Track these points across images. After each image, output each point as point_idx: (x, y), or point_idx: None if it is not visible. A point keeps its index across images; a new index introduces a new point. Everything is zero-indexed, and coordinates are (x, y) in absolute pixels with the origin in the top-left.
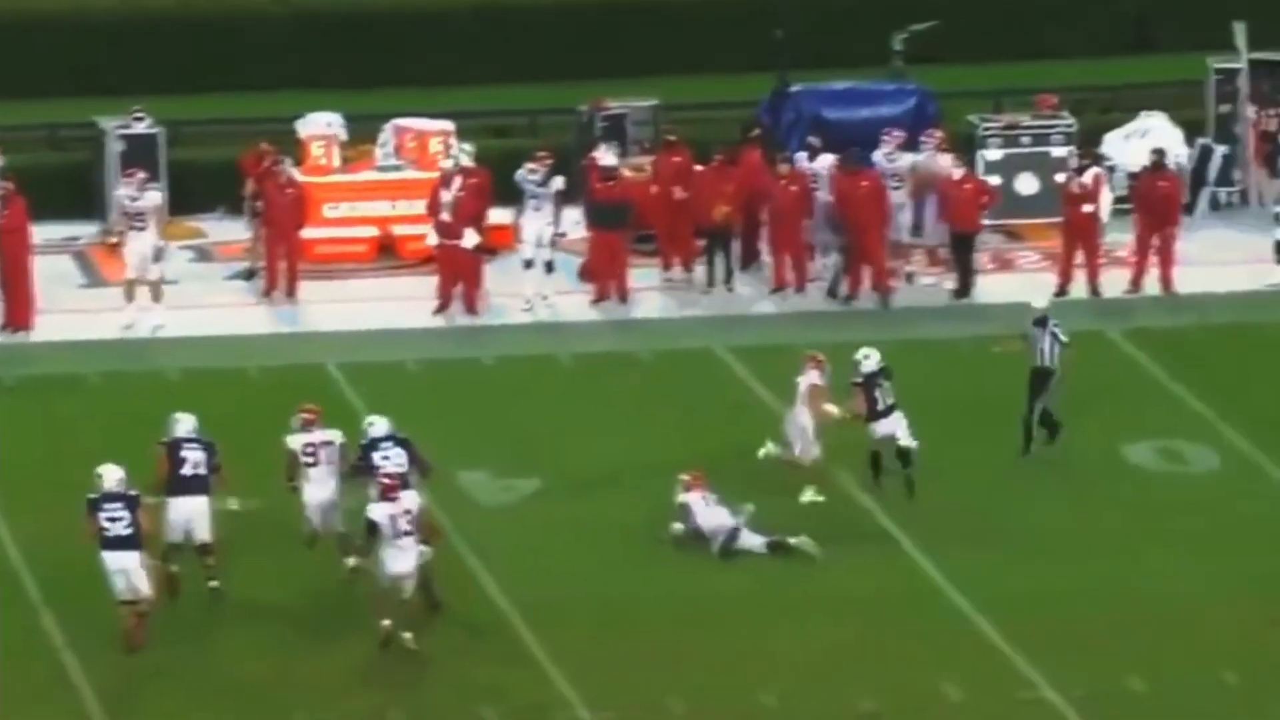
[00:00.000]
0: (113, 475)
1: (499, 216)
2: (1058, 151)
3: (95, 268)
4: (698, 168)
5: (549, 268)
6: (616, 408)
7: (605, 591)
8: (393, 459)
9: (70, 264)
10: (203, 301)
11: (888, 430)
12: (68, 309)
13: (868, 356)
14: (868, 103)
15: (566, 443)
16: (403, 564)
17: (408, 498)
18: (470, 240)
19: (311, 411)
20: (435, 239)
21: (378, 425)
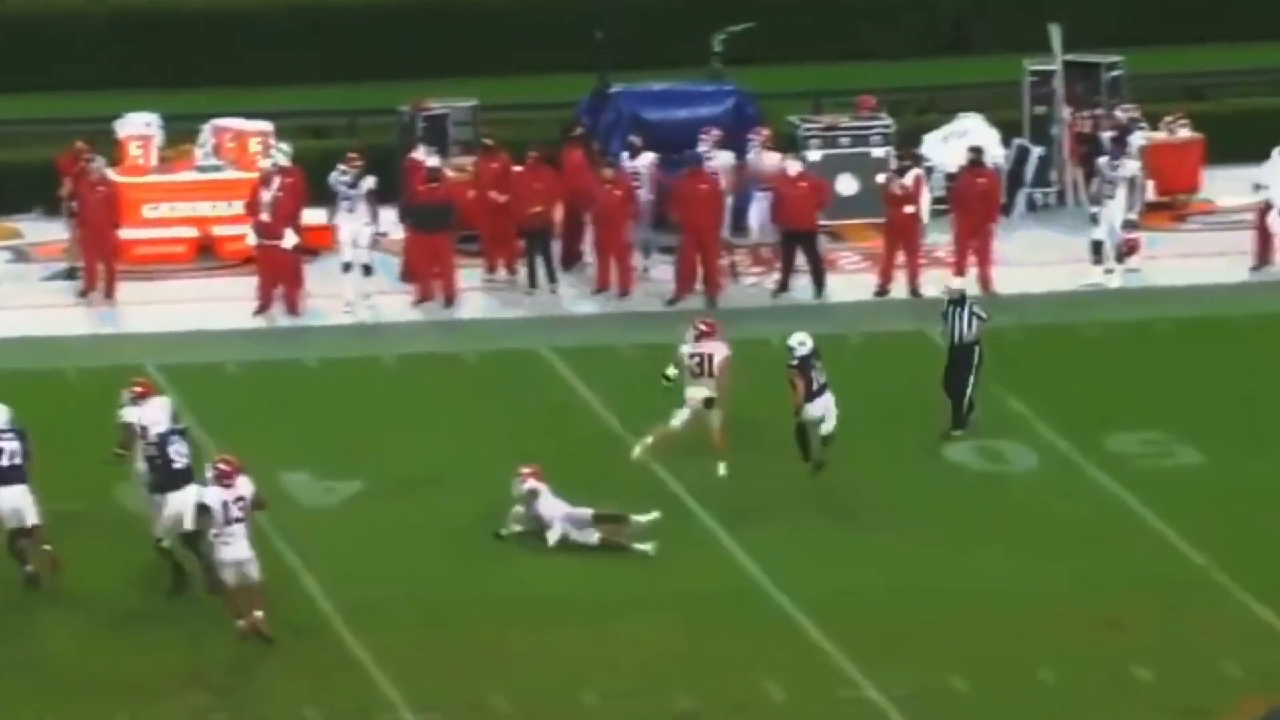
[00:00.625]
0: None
1: (317, 217)
2: (877, 152)
3: None
4: (516, 168)
5: (367, 270)
6: (441, 409)
7: (428, 592)
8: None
9: None
10: (20, 302)
11: (818, 411)
12: None
13: (803, 343)
14: (687, 103)
15: (390, 444)
16: (236, 551)
17: (242, 484)
18: (290, 241)
19: (143, 385)
20: (255, 239)
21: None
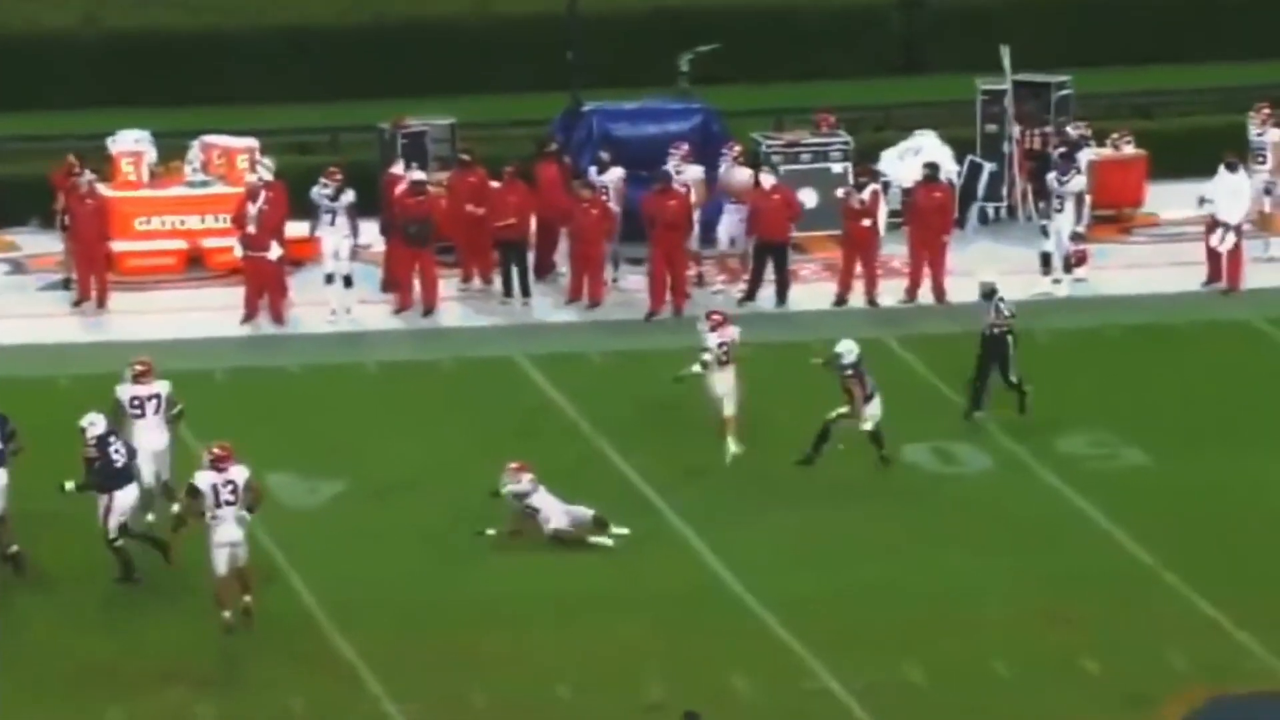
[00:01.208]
0: None
1: (300, 230)
2: (836, 168)
3: None
4: (494, 184)
5: (348, 281)
6: (420, 413)
7: (408, 590)
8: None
9: None
10: (16, 311)
11: (876, 411)
12: None
13: (850, 350)
14: (656, 120)
15: (371, 447)
16: (227, 533)
17: (235, 471)
18: (275, 252)
19: (144, 364)
20: (241, 251)
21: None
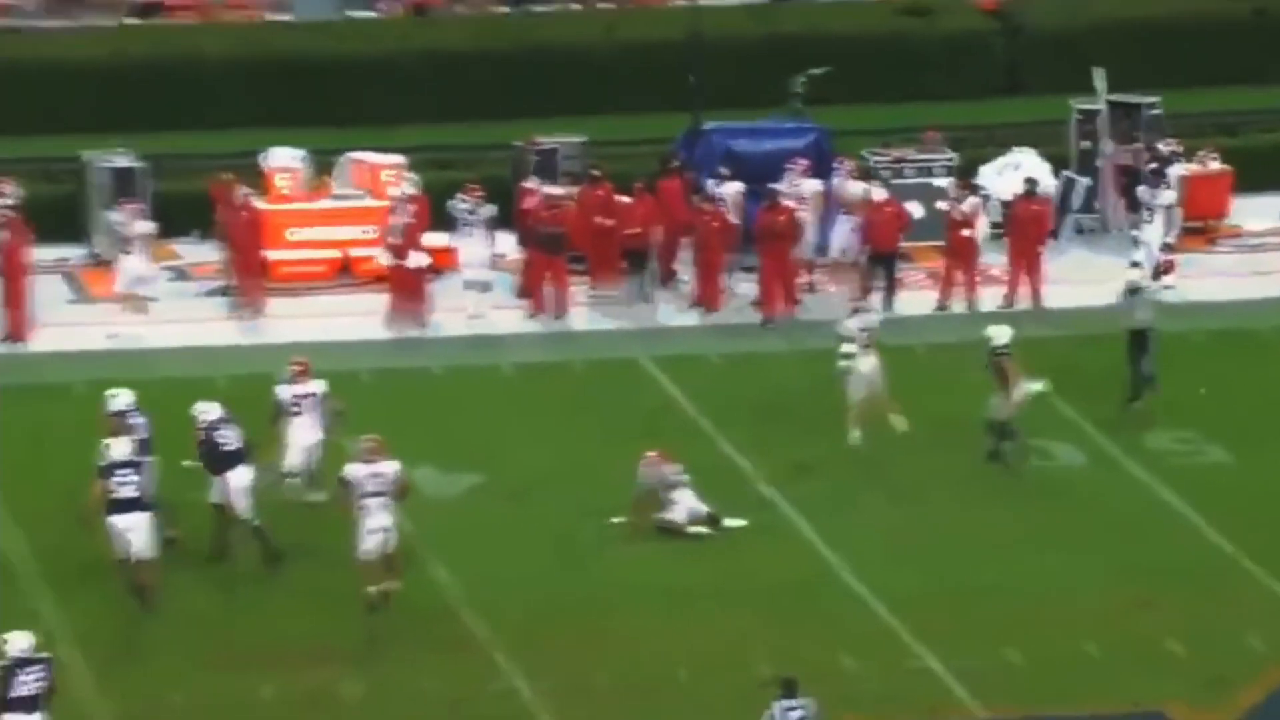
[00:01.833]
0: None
1: (441, 240)
2: (939, 182)
3: (83, 286)
4: (621, 198)
5: (487, 287)
6: (551, 412)
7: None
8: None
9: (60, 283)
10: (179, 316)
11: (1036, 385)
12: (59, 323)
13: (1003, 333)
14: (771, 138)
15: (506, 444)
16: (377, 520)
17: (384, 464)
18: (418, 261)
19: (301, 364)
20: (387, 260)
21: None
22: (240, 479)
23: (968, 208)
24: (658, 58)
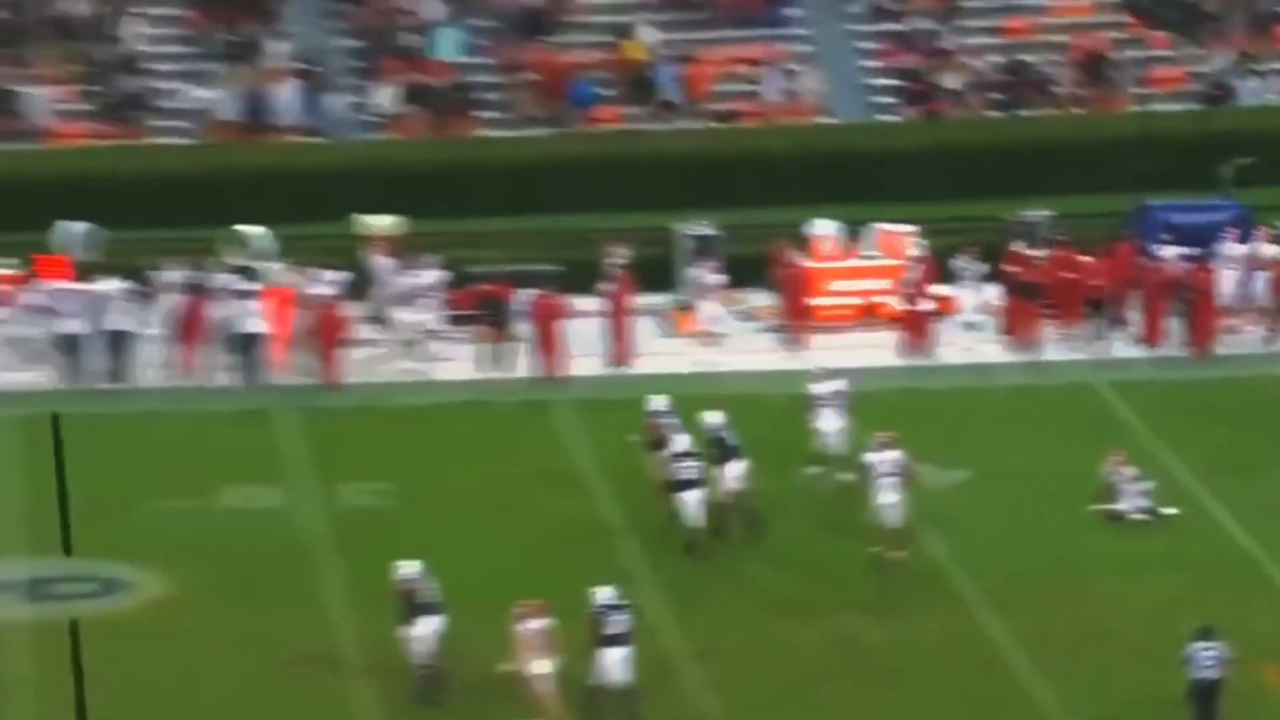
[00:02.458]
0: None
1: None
2: None
3: (670, 324)
4: (1085, 258)
5: (977, 327)
6: (1020, 422)
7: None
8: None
9: (654, 323)
10: (744, 348)
11: None
12: (653, 352)
13: None
14: (1202, 212)
15: (991, 447)
16: (884, 497)
17: (892, 454)
18: (926, 305)
19: (823, 370)
20: (901, 305)
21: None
22: (733, 471)
23: None
24: (1116, 151)
